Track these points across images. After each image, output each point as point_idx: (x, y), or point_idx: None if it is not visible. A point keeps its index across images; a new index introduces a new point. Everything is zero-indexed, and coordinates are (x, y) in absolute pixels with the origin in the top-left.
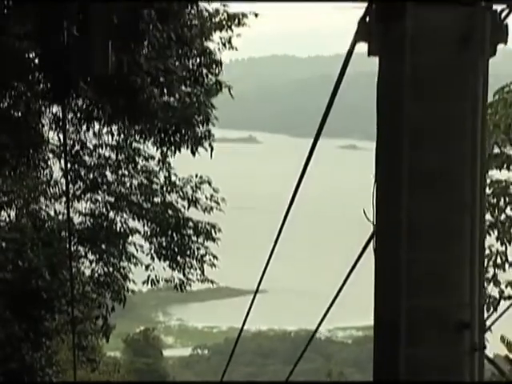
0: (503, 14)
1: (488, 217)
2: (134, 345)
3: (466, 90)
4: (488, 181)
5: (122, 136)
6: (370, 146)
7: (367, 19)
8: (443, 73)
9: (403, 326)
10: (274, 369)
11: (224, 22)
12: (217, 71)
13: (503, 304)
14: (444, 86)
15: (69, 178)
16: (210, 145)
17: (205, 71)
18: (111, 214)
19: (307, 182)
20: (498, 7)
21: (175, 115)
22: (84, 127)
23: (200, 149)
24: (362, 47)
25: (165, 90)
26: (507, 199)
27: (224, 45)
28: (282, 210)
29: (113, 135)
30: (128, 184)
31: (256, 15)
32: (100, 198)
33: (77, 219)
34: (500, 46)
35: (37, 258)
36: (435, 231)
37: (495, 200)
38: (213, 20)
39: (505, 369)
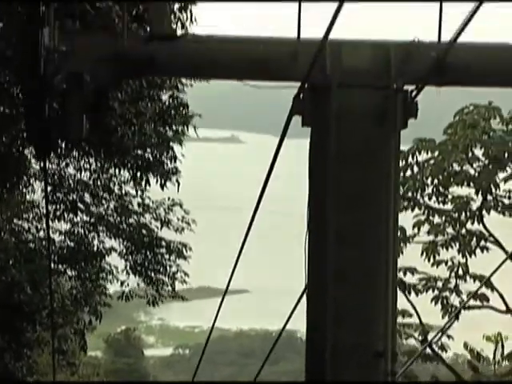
0: (413, 94)
1: (450, 230)
2: (115, 345)
3: (381, 158)
4: (449, 196)
5: (99, 165)
6: None
7: (301, 96)
8: (363, 144)
9: (328, 354)
10: (255, 368)
11: None
12: (184, 112)
13: (466, 313)
14: (363, 155)
15: (49, 199)
16: (177, 180)
17: (173, 112)
18: (89, 234)
19: (294, 182)
20: (409, 87)
21: (146, 153)
22: (63, 161)
23: (184, 148)
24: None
25: (136, 131)
26: (468, 214)
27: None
28: (265, 210)
29: (90, 165)
30: (105, 206)
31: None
32: (79, 219)
33: (57, 238)
34: None
35: (19, 273)
36: (357, 281)
37: (456, 215)
38: None
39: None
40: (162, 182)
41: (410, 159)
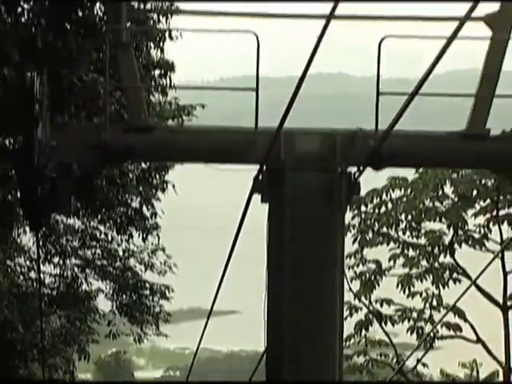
0: (356, 175)
1: (424, 263)
2: (105, 367)
3: (329, 231)
4: (423, 231)
5: (86, 218)
6: None
7: (260, 177)
8: (312, 219)
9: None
10: None
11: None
12: (163, 173)
13: (441, 342)
14: (313, 229)
15: (40, 243)
16: (157, 234)
17: (153, 173)
18: (78, 275)
19: None
20: (353, 169)
21: (129, 209)
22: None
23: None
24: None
25: (120, 189)
26: (440, 248)
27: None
28: (255, 231)
29: (78, 217)
30: (93, 250)
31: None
32: (68, 262)
33: (47, 279)
34: None
35: (11, 313)
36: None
37: (430, 248)
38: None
39: None
40: (144, 235)
41: (384, 196)
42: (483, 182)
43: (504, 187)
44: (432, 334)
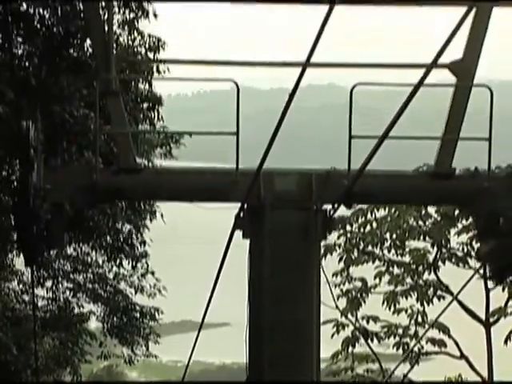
0: (331, 212)
1: (408, 280)
2: (98, 381)
3: (306, 265)
4: (407, 249)
5: (77, 244)
6: None
7: (241, 215)
8: (291, 253)
9: None
10: None
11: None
12: (152, 202)
13: (426, 358)
14: (291, 262)
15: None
16: (146, 262)
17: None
18: (70, 299)
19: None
20: (328, 206)
21: (119, 237)
22: None
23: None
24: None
25: (110, 219)
26: (425, 265)
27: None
28: (245, 245)
29: (70, 244)
30: (85, 274)
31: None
32: (60, 286)
33: (40, 302)
34: None
35: (5, 335)
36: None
37: (414, 266)
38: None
39: None
40: (134, 263)
41: (369, 216)
42: None
43: None
44: (417, 350)
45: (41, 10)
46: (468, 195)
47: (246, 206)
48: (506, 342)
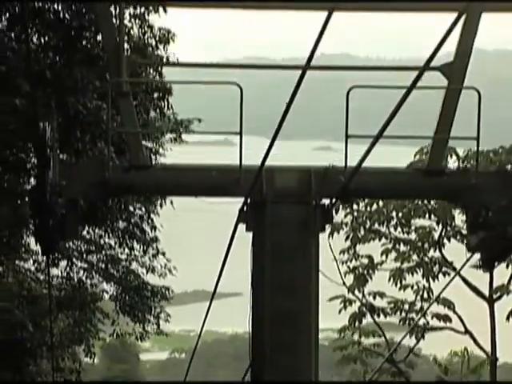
0: (329, 206)
1: (414, 257)
2: (111, 351)
3: (305, 255)
4: (413, 227)
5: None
6: (342, 147)
7: (245, 209)
8: (291, 245)
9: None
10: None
11: None
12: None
13: (431, 333)
14: (291, 253)
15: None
16: (156, 247)
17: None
18: (83, 278)
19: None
20: (326, 201)
21: (130, 222)
22: None
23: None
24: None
25: (123, 205)
26: (430, 243)
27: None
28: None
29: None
30: (98, 255)
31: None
32: (74, 266)
33: (55, 281)
34: None
35: (22, 313)
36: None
37: (420, 243)
38: None
39: None
40: (145, 248)
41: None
42: None
43: None
44: (423, 325)
45: (55, 6)
46: (458, 191)
47: (249, 200)
48: (507, 318)
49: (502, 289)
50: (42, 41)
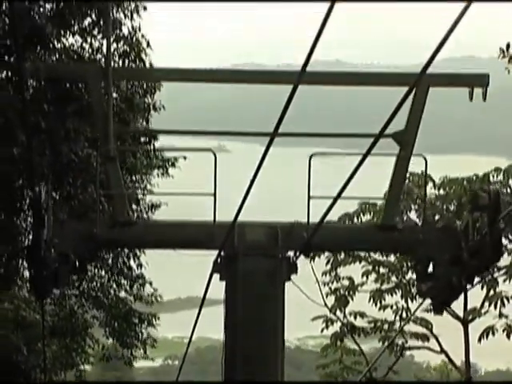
0: (294, 258)
1: (393, 278)
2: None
3: (272, 301)
4: None
5: None
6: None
7: (218, 260)
8: (260, 293)
9: None
10: None
11: None
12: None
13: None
14: (260, 300)
15: None
16: (143, 284)
17: None
18: (75, 306)
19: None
20: (291, 253)
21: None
22: None
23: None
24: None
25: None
26: (409, 264)
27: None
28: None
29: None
30: (89, 284)
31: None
32: (66, 293)
33: (48, 307)
34: None
35: (17, 338)
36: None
37: (399, 265)
38: None
39: None
40: (131, 283)
41: (355, 220)
42: (445, 206)
43: (461, 210)
44: (401, 344)
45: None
46: (408, 245)
47: (222, 253)
48: (479, 340)
49: (474, 312)
50: (37, 94)
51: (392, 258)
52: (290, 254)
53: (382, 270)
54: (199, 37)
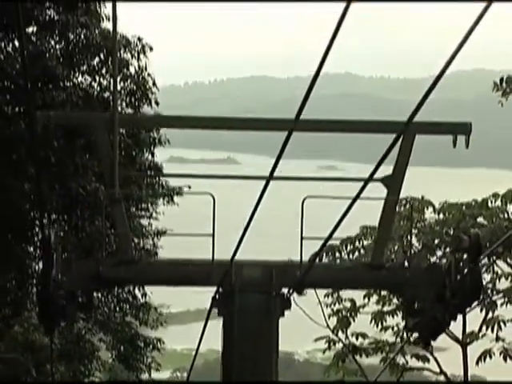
0: (288, 295)
1: (394, 300)
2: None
3: (266, 337)
4: None
5: None
6: (347, 167)
7: (217, 296)
8: (256, 328)
9: None
10: None
11: None
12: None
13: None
14: (256, 334)
15: None
16: (147, 310)
17: None
18: (83, 329)
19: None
20: (285, 290)
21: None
22: None
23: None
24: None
25: None
26: None
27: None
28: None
29: None
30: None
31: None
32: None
33: (56, 331)
34: None
35: (26, 360)
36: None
37: None
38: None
39: None
40: (136, 313)
41: (357, 244)
42: (445, 231)
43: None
44: (402, 364)
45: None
46: (396, 283)
47: (220, 289)
48: (477, 363)
49: (471, 336)
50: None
51: None
52: (284, 290)
53: (383, 292)
54: (212, 48)
